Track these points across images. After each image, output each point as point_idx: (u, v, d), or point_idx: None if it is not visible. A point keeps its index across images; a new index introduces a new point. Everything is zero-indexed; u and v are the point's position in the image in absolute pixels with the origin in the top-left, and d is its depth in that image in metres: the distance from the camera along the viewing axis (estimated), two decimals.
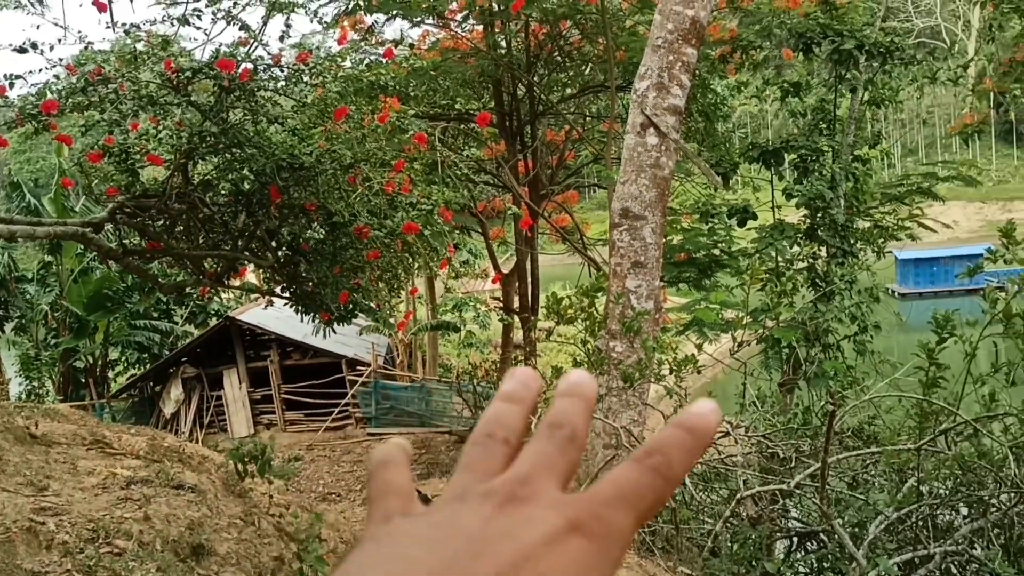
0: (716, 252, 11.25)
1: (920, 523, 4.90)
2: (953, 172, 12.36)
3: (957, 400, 5.28)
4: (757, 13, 12.28)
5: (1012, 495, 4.76)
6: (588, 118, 14.32)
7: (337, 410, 18.35)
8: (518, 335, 13.22)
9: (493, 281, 12.96)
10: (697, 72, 10.73)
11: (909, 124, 69.52)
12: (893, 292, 37.50)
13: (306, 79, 6.32)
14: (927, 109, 67.66)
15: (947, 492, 5.07)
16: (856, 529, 4.89)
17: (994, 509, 4.86)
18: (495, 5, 9.78)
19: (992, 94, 13.84)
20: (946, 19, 68.35)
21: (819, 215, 10.76)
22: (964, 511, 5.13)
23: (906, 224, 11.75)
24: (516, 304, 12.89)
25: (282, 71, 6.27)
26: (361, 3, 10.35)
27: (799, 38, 10.94)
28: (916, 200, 11.94)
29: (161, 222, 7.16)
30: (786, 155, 11.51)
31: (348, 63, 7.97)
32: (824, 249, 10.87)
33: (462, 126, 12.66)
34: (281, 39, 6.58)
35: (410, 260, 7.82)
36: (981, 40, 14.08)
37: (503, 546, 0.44)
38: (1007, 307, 4.87)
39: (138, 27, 6.83)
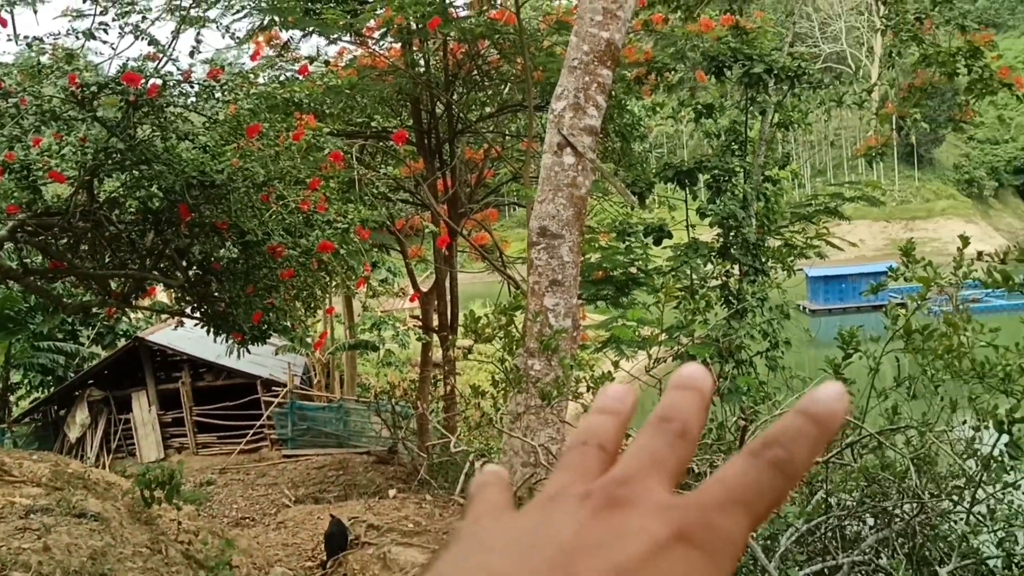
0: (633, 270, 11.41)
1: (829, 534, 5.03)
2: (858, 193, 12.82)
3: (863, 414, 5.45)
4: (671, 36, 12.56)
5: (914, 505, 4.91)
6: (507, 137, 14.39)
7: (252, 432, 17.98)
8: (437, 354, 13.16)
9: (411, 299, 12.88)
10: (613, 93, 10.90)
11: (818, 145, 71.87)
12: (804, 308, 38.59)
13: (218, 95, 6.20)
14: (835, 131, 70.10)
15: (854, 503, 5.20)
16: (768, 542, 4.98)
17: (898, 519, 5.01)
18: (413, 24, 9.76)
19: (894, 118, 14.40)
20: (851, 45, 71.02)
21: (732, 234, 11.02)
22: (870, 521, 5.26)
23: (814, 243, 12.12)
24: (435, 322, 12.84)
25: (192, 87, 6.13)
26: (277, 19, 10.22)
27: (711, 61, 11.24)
28: (824, 219, 12.33)
29: (65, 240, 6.92)
30: (700, 175, 11.77)
31: (263, 79, 7.87)
32: (737, 267, 11.14)
33: (380, 144, 12.59)
34: (191, 54, 6.43)
35: (326, 279, 7.72)
36: (883, 66, 14.63)
37: (597, 559, 0.40)
38: (907, 324, 5.05)
39: (42, 40, 6.60)
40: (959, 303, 6.69)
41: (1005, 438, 4.74)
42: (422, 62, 11.67)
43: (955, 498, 5.00)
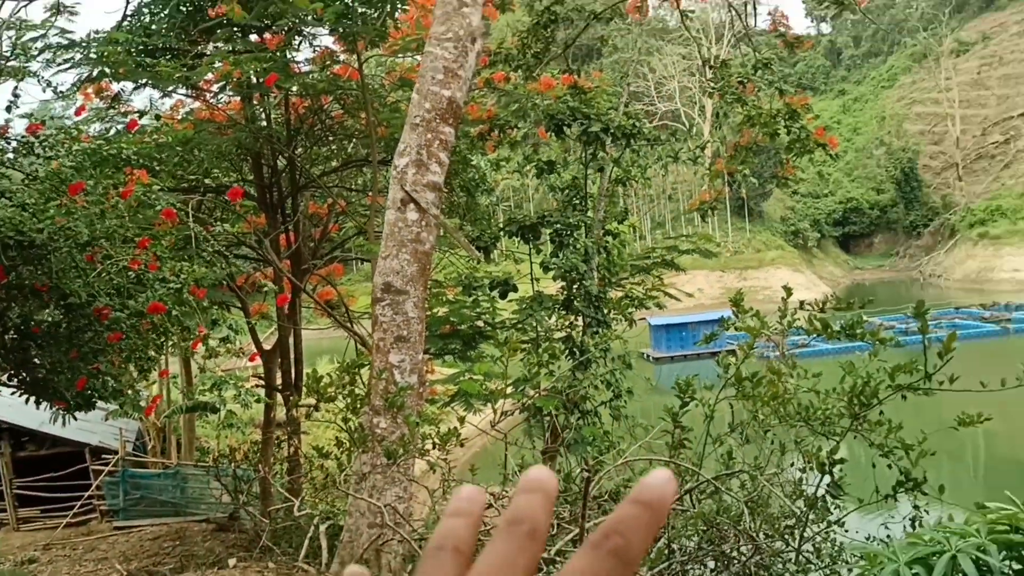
0: (480, 324, 11.48)
1: None
2: (693, 246, 13.42)
3: (700, 460, 5.64)
4: (513, 94, 12.89)
5: (749, 547, 5.10)
6: (352, 191, 14.30)
7: (80, 504, 16.84)
8: (282, 413, 12.77)
9: (250, 359, 12.47)
10: (457, 149, 11.04)
11: (657, 199, 74.92)
12: (647, 356, 39.84)
13: (38, 151, 5.87)
14: (672, 185, 73.38)
15: (694, 548, 5.35)
16: None
17: (736, 561, 5.18)
18: (253, 77, 9.60)
19: (725, 173, 15.19)
20: (685, 104, 74.87)
21: (575, 287, 11.29)
22: (711, 564, 5.41)
23: (653, 294, 12.56)
24: (279, 381, 12.47)
25: (9, 143, 5.78)
26: (107, 70, 9.82)
27: (551, 119, 11.58)
28: (661, 271, 12.82)
29: None
30: (543, 230, 12.02)
31: (92, 130, 7.50)
32: (580, 319, 11.39)
33: (219, 199, 12.24)
34: (8, 109, 6.07)
35: (160, 340, 7.37)
36: (714, 125, 15.48)
37: None
38: (737, 372, 5.29)
39: None
40: (786, 350, 7.08)
41: (828, 479, 5.01)
42: (263, 116, 11.47)
43: (787, 538, 5.22)
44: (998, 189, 76.41)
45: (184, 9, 10.23)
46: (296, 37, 10.59)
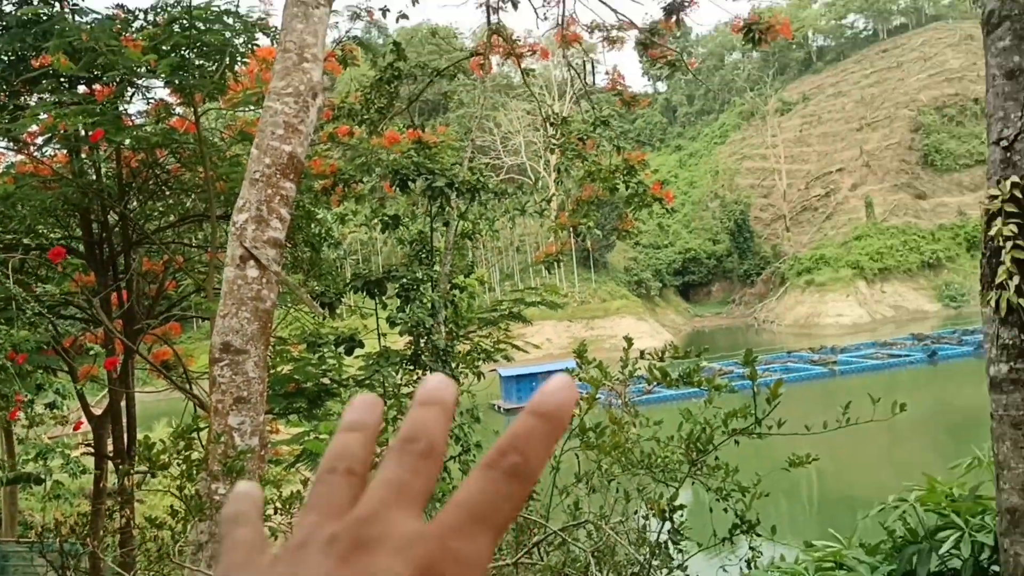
0: (326, 381, 11.24)
1: None
2: (539, 298, 13.67)
3: (548, 511, 5.67)
4: (358, 148, 12.85)
5: None
6: (190, 247, 13.79)
7: None
8: (113, 481, 12.02)
9: (75, 428, 11.74)
10: (301, 203, 10.88)
11: (505, 251, 76.06)
12: (498, 407, 40.07)
13: None
14: (520, 237, 74.73)
15: None
16: None
17: None
18: (82, 130, 9.17)
19: (569, 226, 15.59)
20: (531, 158, 76.68)
21: (422, 341, 11.25)
22: None
23: (501, 346, 12.67)
24: (111, 447, 11.76)
25: None
26: None
27: (396, 174, 11.59)
28: (509, 323, 12.97)
29: None
30: (390, 284, 11.96)
31: None
32: (428, 373, 11.35)
33: (43, 257, 11.53)
34: None
35: None
36: (558, 179, 15.92)
37: None
38: (581, 422, 5.38)
39: None
40: (629, 399, 7.26)
41: (669, 525, 5.14)
42: (92, 170, 10.95)
43: None
44: (821, 239, 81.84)
45: (5, 59, 9.71)
46: (128, 88, 10.21)
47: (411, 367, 11.35)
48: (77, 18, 9.59)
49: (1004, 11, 4.34)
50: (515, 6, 13.26)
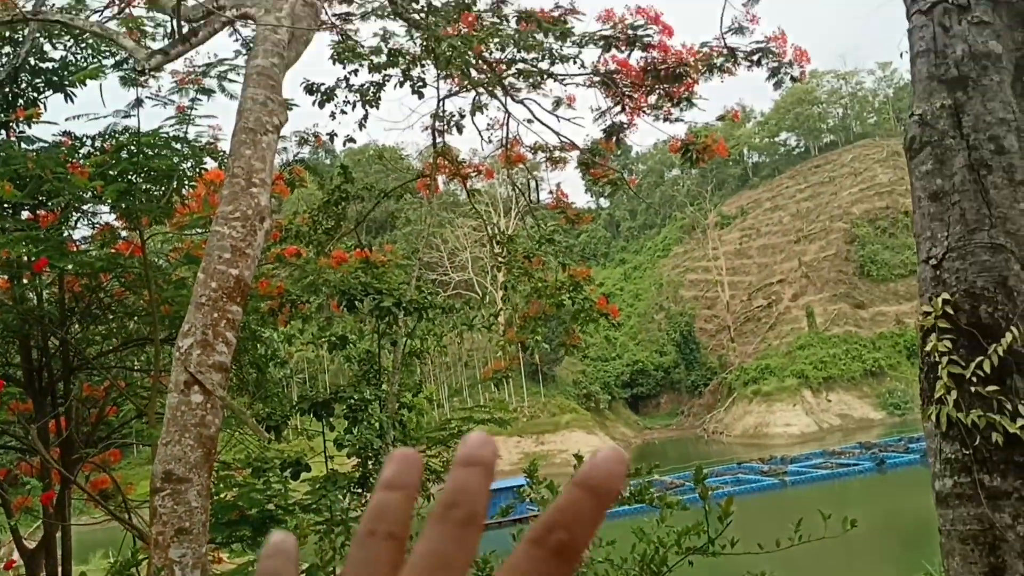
0: (271, 507, 10.91)
1: None
2: (487, 415, 13.57)
3: None
4: (305, 268, 12.88)
5: None
6: (133, 372, 13.52)
7: None
8: None
9: (6, 566, 11.20)
10: (247, 324, 10.79)
11: (453, 366, 75.75)
12: None
13: None
14: (468, 352, 74.62)
15: None
16: None
17: None
18: (24, 256, 9.08)
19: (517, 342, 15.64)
20: (478, 273, 77.38)
21: (371, 463, 11.03)
22: None
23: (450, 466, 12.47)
24: None
25: None
26: None
27: (343, 294, 11.61)
28: (457, 442, 12.82)
29: None
30: (337, 405, 11.80)
31: None
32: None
33: None
34: None
35: None
36: (504, 295, 16.07)
37: None
38: None
39: None
40: None
41: None
42: (33, 296, 10.79)
43: None
44: (765, 349, 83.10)
45: None
46: (73, 214, 10.19)
47: (359, 490, 11.09)
48: (24, 146, 9.63)
49: (925, 137, 4.60)
50: (460, 131, 13.65)
